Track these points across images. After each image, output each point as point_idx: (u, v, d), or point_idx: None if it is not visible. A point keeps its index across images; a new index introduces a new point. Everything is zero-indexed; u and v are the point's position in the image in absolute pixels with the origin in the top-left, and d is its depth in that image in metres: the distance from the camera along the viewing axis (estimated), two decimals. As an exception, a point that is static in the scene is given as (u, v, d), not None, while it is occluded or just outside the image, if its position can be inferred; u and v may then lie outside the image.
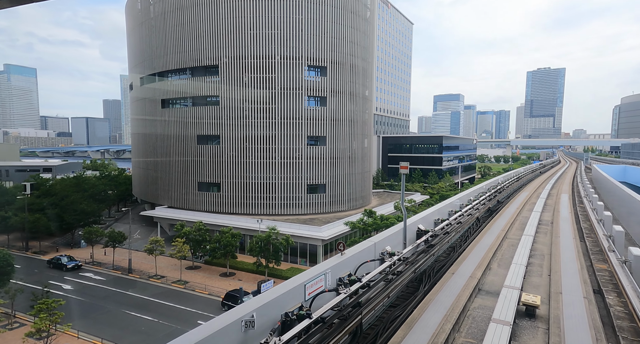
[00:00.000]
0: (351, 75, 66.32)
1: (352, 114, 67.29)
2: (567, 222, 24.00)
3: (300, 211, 63.00)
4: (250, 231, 53.04)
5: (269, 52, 60.38)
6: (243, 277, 46.69)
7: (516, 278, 12.21)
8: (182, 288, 43.25)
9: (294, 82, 61.30)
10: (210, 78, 63.47)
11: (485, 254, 16.39)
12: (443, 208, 22.66)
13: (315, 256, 49.74)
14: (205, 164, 64.24)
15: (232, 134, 62.27)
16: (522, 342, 9.05)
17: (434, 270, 14.94)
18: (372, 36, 75.05)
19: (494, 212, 28.04)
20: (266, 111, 61.37)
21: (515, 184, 46.32)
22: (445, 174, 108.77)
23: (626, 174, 68.37)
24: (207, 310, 36.36)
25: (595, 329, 9.04)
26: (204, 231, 49.03)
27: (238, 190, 62.63)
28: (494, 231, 21.23)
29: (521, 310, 10.65)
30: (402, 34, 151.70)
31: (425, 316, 10.00)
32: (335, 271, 10.16)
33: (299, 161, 62.65)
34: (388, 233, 14.23)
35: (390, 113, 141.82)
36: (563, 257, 15.90)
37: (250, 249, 46.20)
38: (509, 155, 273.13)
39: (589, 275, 13.92)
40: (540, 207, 28.32)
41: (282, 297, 7.85)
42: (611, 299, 11.28)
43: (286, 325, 7.55)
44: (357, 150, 69.30)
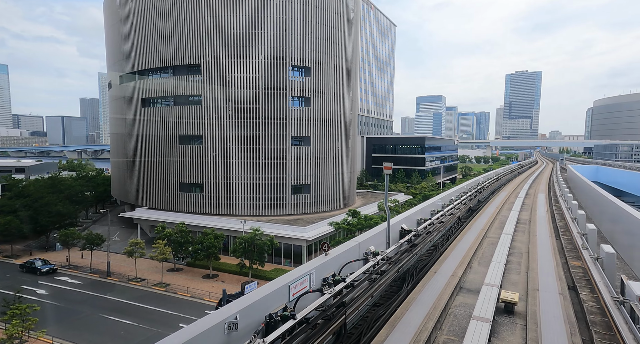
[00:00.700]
0: (335, 76, 66.55)
1: (336, 115, 67.53)
2: (544, 221, 24.78)
3: (284, 211, 62.75)
4: (234, 232, 52.47)
5: (253, 52, 59.93)
6: (226, 279, 46.12)
7: (496, 276, 12.50)
8: (163, 290, 42.36)
9: (278, 82, 61.04)
10: (192, 77, 62.46)
11: (467, 253, 16.74)
12: (426, 208, 23.01)
13: (300, 256, 49.64)
14: (187, 165, 63.16)
15: (214, 134, 61.45)
16: (501, 338, 9.28)
17: (417, 269, 15.15)
18: (355, 37, 75.53)
19: (475, 211, 28.68)
20: (250, 111, 60.86)
21: (495, 184, 47.50)
22: (428, 174, 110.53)
23: (598, 174, 71.19)
24: (190, 313, 35.73)
25: (569, 324, 9.37)
26: (186, 233, 48.21)
27: (221, 191, 61.86)
28: (474, 230, 21.71)
29: (500, 307, 10.92)
30: (386, 35, 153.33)
31: (408, 314, 10.13)
32: (319, 271, 10.17)
33: (283, 161, 62.40)
34: (372, 233, 14.34)
35: (373, 114, 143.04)
36: (540, 255, 16.40)
37: (233, 251, 45.70)
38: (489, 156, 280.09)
39: (564, 272, 14.41)
40: (519, 207, 29.13)
41: (266, 298, 7.80)
42: (584, 294, 11.71)
43: (270, 326, 7.50)
44: (341, 150, 69.58)
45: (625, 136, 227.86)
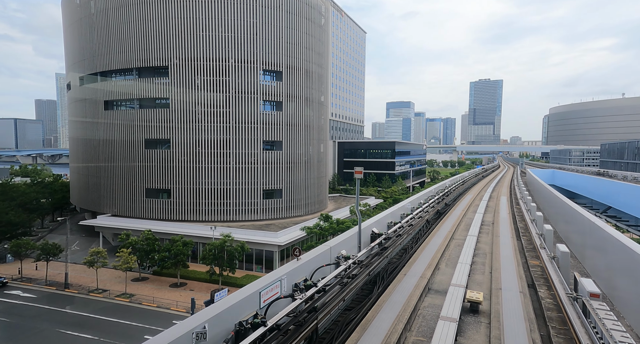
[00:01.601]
0: (307, 81, 66.86)
1: (308, 119, 67.74)
2: (505, 223, 25.99)
3: (256, 216, 61.90)
4: (203, 239, 51.06)
5: (223, 55, 59.05)
6: (195, 287, 44.71)
7: (462, 277, 12.93)
8: (128, 301, 40.39)
9: (249, 86, 60.45)
10: (159, 79, 60.53)
11: (435, 255, 17.23)
12: (396, 211, 23.48)
13: (272, 262, 49.05)
14: (153, 170, 60.90)
15: (183, 138, 59.75)
16: (467, 337, 9.61)
17: (388, 272, 15.41)
18: (326, 43, 76.38)
19: (442, 214, 29.62)
20: (220, 115, 59.78)
21: (461, 188, 49.34)
22: (398, 178, 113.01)
23: (554, 177, 75.75)
24: (156, 324, 34.26)
25: (529, 321, 9.86)
26: (153, 240, 46.33)
27: (190, 196, 60.11)
28: (442, 232, 22.41)
29: (466, 307, 11.30)
30: (356, 42, 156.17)
31: (379, 317, 10.26)
32: (291, 276, 10.10)
33: (254, 166, 61.67)
34: (343, 237, 14.44)
35: (345, 119, 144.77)
36: (502, 255, 17.17)
37: (203, 258, 44.41)
38: (456, 160, 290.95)
39: (524, 271, 15.17)
40: (483, 209, 30.39)
41: (236, 306, 7.64)
42: (542, 292, 12.37)
43: (240, 334, 7.35)
44: (314, 155, 69.78)
45: (577, 142, 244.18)
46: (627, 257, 11.11)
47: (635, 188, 39.62)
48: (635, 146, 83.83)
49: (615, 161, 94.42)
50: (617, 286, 12.53)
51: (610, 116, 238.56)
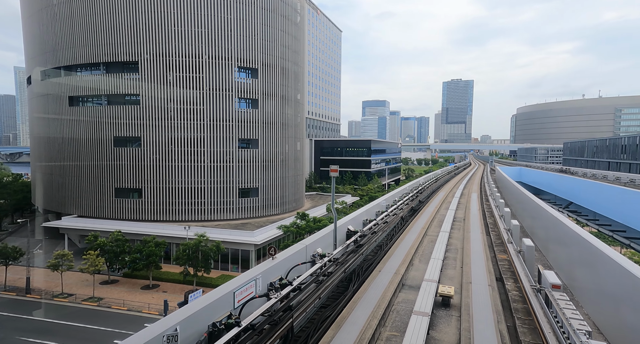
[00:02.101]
0: (283, 78, 66.43)
1: (285, 117, 67.37)
2: (476, 219, 26.90)
3: (231, 215, 61.01)
4: (177, 239, 49.81)
5: (196, 51, 57.64)
6: (168, 288, 43.58)
7: (434, 272, 13.28)
8: (96, 305, 38.81)
9: (223, 83, 59.36)
10: (128, 75, 58.31)
11: (409, 251, 17.60)
12: (371, 209, 23.79)
13: (248, 261, 48.54)
14: (123, 169, 58.69)
15: (155, 136, 57.91)
16: (438, 330, 9.89)
17: (363, 269, 15.60)
18: (302, 41, 76.16)
19: (416, 211, 30.30)
20: (194, 112, 58.38)
21: (434, 185, 50.63)
22: (374, 176, 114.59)
23: (521, 174, 79.14)
24: (127, 328, 33.13)
25: (497, 313, 10.27)
26: (123, 241, 44.70)
27: (162, 196, 58.41)
28: (416, 229, 22.91)
29: (438, 301, 11.63)
30: (332, 40, 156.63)
31: (354, 314, 10.38)
32: (266, 276, 10.03)
33: (229, 164, 60.71)
34: (319, 235, 14.49)
35: (321, 117, 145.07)
36: (473, 250, 17.77)
37: (176, 258, 43.33)
38: (429, 158, 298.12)
39: (493, 265, 15.77)
40: (455, 206, 31.32)
41: (209, 307, 7.50)
42: (509, 285, 12.92)
43: (213, 336, 7.23)
44: (290, 153, 69.52)
45: (543, 140, 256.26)
46: (586, 250, 11.79)
47: (593, 184, 42.10)
48: (594, 145, 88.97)
49: (576, 158, 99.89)
50: (576, 277, 13.28)
51: (571, 115, 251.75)
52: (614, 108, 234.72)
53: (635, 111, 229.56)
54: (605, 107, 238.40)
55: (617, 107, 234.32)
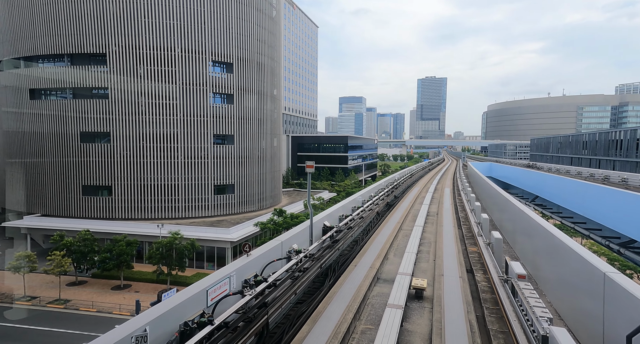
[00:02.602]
0: (259, 73, 65.53)
1: (261, 113, 66.57)
2: (448, 213, 27.71)
3: (206, 213, 59.87)
4: (150, 238, 48.37)
5: (168, 44, 55.82)
6: (141, 288, 42.33)
7: (408, 265, 13.57)
8: (62, 307, 37.18)
9: (197, 78, 57.86)
10: (95, 67, 55.74)
11: (384, 245, 17.91)
12: (347, 205, 23.97)
13: (224, 259, 47.88)
14: (91, 165, 56.25)
15: (125, 132, 55.78)
16: (411, 322, 10.14)
17: (339, 264, 15.74)
18: (278, 35, 75.34)
19: (392, 206, 30.84)
20: (166, 107, 56.64)
21: (409, 181, 51.64)
22: (351, 172, 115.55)
23: (492, 170, 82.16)
24: (96, 330, 31.93)
25: (467, 303, 10.64)
26: (91, 241, 42.94)
27: (134, 193, 56.49)
28: (391, 224, 23.34)
29: (412, 293, 11.91)
30: (308, 36, 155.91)
31: (329, 308, 10.46)
32: (240, 273, 9.91)
33: (204, 161, 59.44)
34: (295, 231, 14.46)
35: (298, 113, 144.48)
36: (445, 243, 18.30)
37: (149, 257, 42.08)
38: (405, 154, 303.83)
39: (464, 257, 16.31)
40: (429, 201, 32.10)
41: (181, 306, 7.33)
42: (479, 276, 13.41)
43: (185, 335, 7.08)
44: (267, 149, 68.87)
45: (512, 137, 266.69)
46: (549, 241, 12.39)
47: (557, 179, 44.28)
48: (558, 141, 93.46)
49: (542, 154, 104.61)
50: (540, 267, 13.95)
51: (538, 113, 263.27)
52: (577, 106, 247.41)
53: (595, 109, 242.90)
54: (568, 105, 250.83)
55: (579, 105, 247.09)
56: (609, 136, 65.29)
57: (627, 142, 59.31)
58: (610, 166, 62.93)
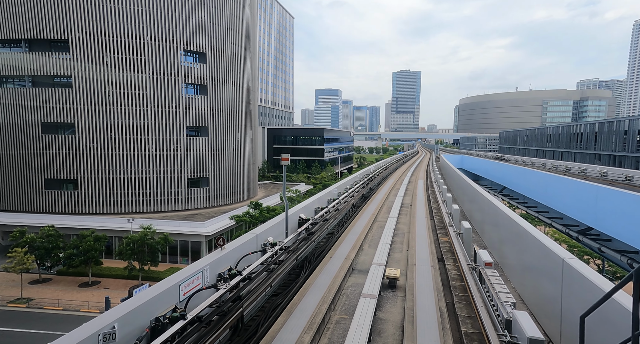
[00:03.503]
0: (233, 64, 64.09)
1: (236, 104, 65.32)
2: (422, 204, 28.42)
3: (180, 206, 58.51)
4: (120, 232, 46.79)
5: (136, 31, 53.45)
6: (111, 284, 41.01)
7: (382, 256, 13.85)
8: (24, 307, 35.46)
9: (168, 67, 55.88)
10: (57, 54, 52.64)
11: (359, 237, 18.17)
12: (323, 197, 24.08)
13: (199, 253, 47.10)
14: (55, 158, 53.47)
15: (92, 123, 53.26)
16: (384, 311, 10.40)
17: (315, 256, 15.85)
18: (253, 26, 73.79)
19: (367, 198, 31.27)
20: (136, 97, 54.45)
21: (384, 173, 52.46)
22: (327, 164, 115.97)
23: (463, 162, 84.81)
24: (62, 329, 30.72)
25: (437, 291, 11.03)
26: (56, 236, 41.02)
27: (102, 187, 54.28)
28: (366, 215, 23.68)
29: (385, 283, 12.19)
30: (284, 26, 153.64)
31: (305, 300, 10.54)
32: (214, 266, 9.78)
33: (177, 153, 57.83)
34: (270, 224, 14.39)
35: (274, 105, 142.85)
36: (418, 234, 18.80)
37: (119, 253, 40.76)
38: (380, 147, 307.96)
39: (435, 247, 16.84)
40: (403, 192, 32.77)
41: (152, 301, 7.16)
42: (449, 264, 13.90)
43: (157, 331, 6.93)
44: (242, 141, 67.83)
45: (482, 130, 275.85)
46: (514, 230, 13.00)
47: (522, 170, 46.37)
48: (525, 134, 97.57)
49: (510, 146, 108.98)
50: (505, 255, 14.64)
51: (506, 107, 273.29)
52: (542, 100, 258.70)
53: (558, 104, 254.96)
54: (534, 99, 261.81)
55: (544, 99, 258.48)
56: (571, 130, 68.84)
57: (586, 135, 62.76)
58: (572, 158, 66.55)
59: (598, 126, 59.10)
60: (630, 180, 32.00)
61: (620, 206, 22.28)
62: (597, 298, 4.80)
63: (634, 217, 20.76)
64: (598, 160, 57.84)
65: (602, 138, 57.34)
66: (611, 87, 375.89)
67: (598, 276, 7.13)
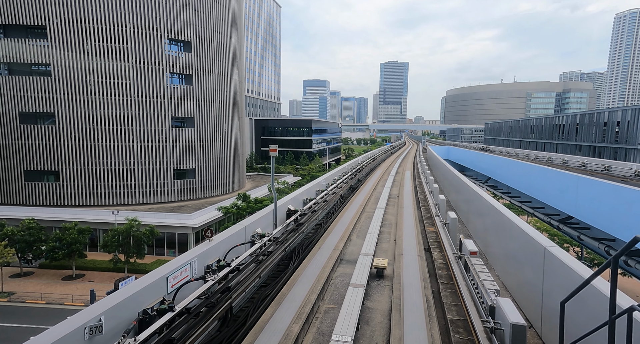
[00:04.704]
0: (219, 54, 62.86)
1: (222, 95, 64.30)
2: (409, 195, 28.74)
3: (166, 198, 57.77)
4: (104, 225, 46.01)
5: (118, 18, 51.76)
6: (96, 277, 40.46)
7: (370, 246, 14.00)
8: (6, 301, 34.73)
9: (152, 56, 54.45)
10: (35, 41, 50.64)
11: (347, 227, 18.30)
12: (311, 188, 24.10)
13: (186, 245, 46.77)
14: (34, 149, 51.89)
15: (73, 112, 51.74)
16: (372, 300, 10.57)
17: (303, 247, 15.92)
18: (240, 14, 72.31)
19: (355, 189, 31.45)
20: (119, 87, 53.02)
21: (372, 164, 52.78)
22: (315, 156, 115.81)
23: (449, 153, 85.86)
24: (46, 322, 30.23)
25: (424, 280, 11.24)
26: (37, 229, 40.06)
27: (85, 178, 53.06)
28: (354, 206, 23.83)
29: (373, 273, 12.36)
30: (271, 16, 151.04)
31: (294, 290, 10.61)
32: (202, 258, 9.73)
33: (163, 144, 56.82)
34: (258, 216, 14.35)
35: (262, 95, 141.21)
36: (405, 224, 19.04)
37: (104, 245, 40.15)
38: (368, 138, 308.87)
39: (422, 237, 17.11)
40: (390, 183, 33.06)
41: (140, 293, 7.09)
42: (435, 254, 14.17)
43: (144, 323, 6.89)
44: (229, 132, 67.02)
45: (468, 121, 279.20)
46: (498, 219, 13.30)
47: (506, 161, 47.28)
48: (509, 126, 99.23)
49: (495, 138, 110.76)
50: (490, 244, 14.99)
51: (492, 98, 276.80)
52: (526, 92, 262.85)
53: (541, 95, 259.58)
54: (518, 91, 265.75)
55: (528, 91, 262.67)
56: (553, 121, 70.30)
57: (568, 126, 64.24)
58: (554, 149, 68.12)
59: (579, 118, 60.51)
60: (609, 170, 33.02)
61: (599, 195, 23.01)
62: (577, 284, 4.97)
63: (612, 206, 21.49)
64: (579, 151, 59.39)
65: (583, 129, 58.80)
66: (592, 79, 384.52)
67: (578, 263, 7.38)
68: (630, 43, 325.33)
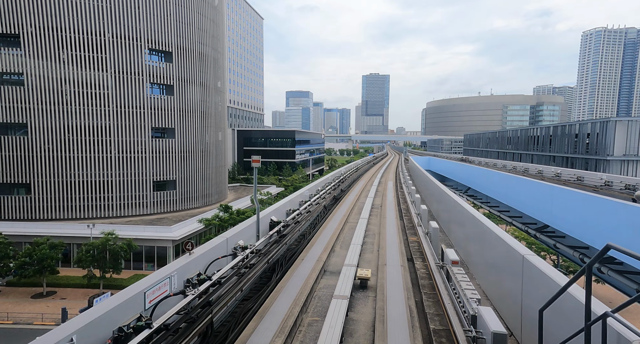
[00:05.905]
0: (201, 64, 62.59)
1: (204, 105, 63.77)
2: (391, 205, 28.99)
3: (145, 211, 56.21)
4: (79, 239, 44.21)
5: (96, 28, 50.96)
6: (69, 294, 38.61)
7: (354, 257, 13.97)
8: (-28, 323, 32.65)
9: (132, 66, 53.66)
10: (6, 50, 49.13)
11: (331, 238, 18.24)
12: (294, 199, 23.99)
13: (165, 259, 45.42)
14: (4, 160, 49.74)
15: (47, 123, 50.08)
16: (356, 311, 10.49)
17: (286, 258, 15.74)
18: (222, 26, 72.52)
19: (338, 199, 31.49)
20: (96, 97, 51.82)
21: (355, 174, 53.09)
22: (299, 166, 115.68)
23: (430, 163, 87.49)
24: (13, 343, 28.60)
25: (407, 290, 11.27)
26: (6, 245, 38.11)
27: (58, 191, 51.10)
28: (337, 217, 23.83)
29: (357, 284, 12.31)
30: (253, 27, 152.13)
31: (276, 303, 10.43)
32: (182, 272, 9.46)
33: (142, 155, 55.56)
34: (240, 227, 14.14)
35: (244, 106, 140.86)
36: (388, 234, 19.14)
37: (78, 261, 38.49)
38: (351, 149, 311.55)
39: (405, 247, 17.22)
40: (373, 194, 33.28)
41: (115, 310, 6.80)
42: (418, 264, 14.26)
43: (120, 341, 6.60)
44: (211, 143, 66.28)
45: (448, 132, 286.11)
46: (478, 228, 13.56)
47: (485, 171, 48.57)
48: (487, 137, 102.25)
49: (473, 148, 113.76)
50: (470, 253, 15.23)
51: (470, 110, 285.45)
52: (502, 105, 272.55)
53: (517, 108, 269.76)
54: (495, 103, 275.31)
55: (504, 104, 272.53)
56: (528, 133, 72.93)
57: (542, 138, 66.74)
58: (530, 159, 70.48)
59: (552, 130, 63.03)
60: (581, 180, 34.36)
61: (572, 204, 23.86)
62: (554, 292, 5.09)
63: (584, 214, 22.30)
64: (553, 161, 61.68)
65: (556, 141, 61.21)
66: (563, 93, 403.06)
67: (554, 271, 7.57)
68: (597, 59, 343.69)
